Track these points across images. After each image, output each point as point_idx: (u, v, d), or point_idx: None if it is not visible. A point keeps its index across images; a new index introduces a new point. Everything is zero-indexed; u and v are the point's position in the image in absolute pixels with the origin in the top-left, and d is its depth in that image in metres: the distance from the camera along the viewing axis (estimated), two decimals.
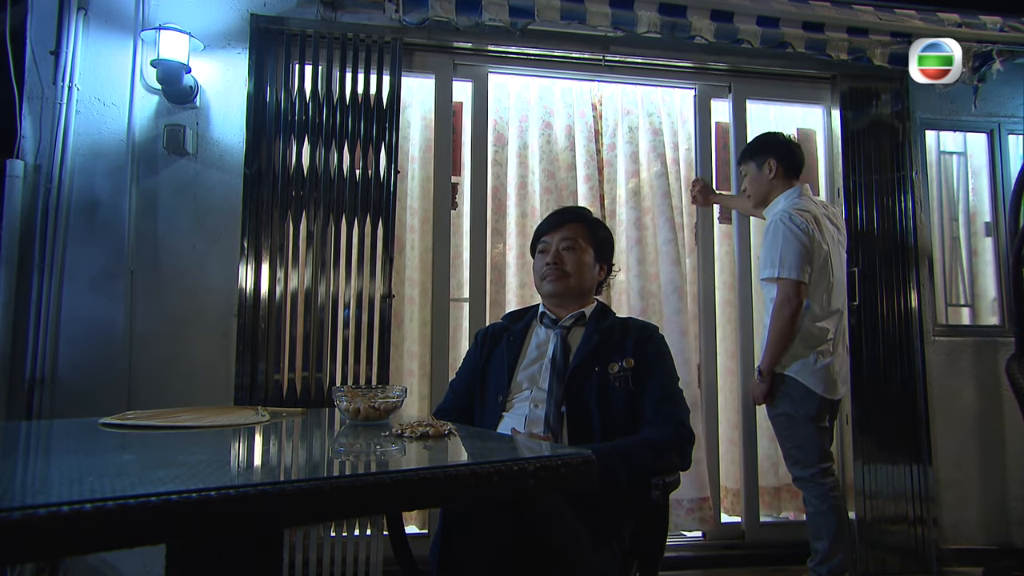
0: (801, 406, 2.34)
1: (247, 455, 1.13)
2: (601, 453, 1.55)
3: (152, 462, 0.98)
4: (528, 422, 1.68)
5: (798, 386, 2.33)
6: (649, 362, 1.72)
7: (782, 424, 2.40)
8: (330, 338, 2.59)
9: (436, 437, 1.23)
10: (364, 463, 1.08)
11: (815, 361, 2.33)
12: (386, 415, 1.43)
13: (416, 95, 2.95)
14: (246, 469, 1.01)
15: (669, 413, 1.67)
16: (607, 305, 1.92)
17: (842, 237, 2.54)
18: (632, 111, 3.06)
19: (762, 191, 2.54)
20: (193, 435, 1.27)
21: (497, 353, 1.85)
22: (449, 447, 1.20)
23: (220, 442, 1.23)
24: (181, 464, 0.94)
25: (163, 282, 2.52)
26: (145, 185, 2.52)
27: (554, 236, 1.84)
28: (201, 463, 0.97)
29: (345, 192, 2.63)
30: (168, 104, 2.53)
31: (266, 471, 1.00)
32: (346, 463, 1.10)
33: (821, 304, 2.36)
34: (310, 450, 1.22)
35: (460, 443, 1.25)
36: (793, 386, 2.34)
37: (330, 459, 1.14)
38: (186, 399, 2.42)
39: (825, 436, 2.39)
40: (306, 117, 2.62)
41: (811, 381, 2.32)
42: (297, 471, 1.03)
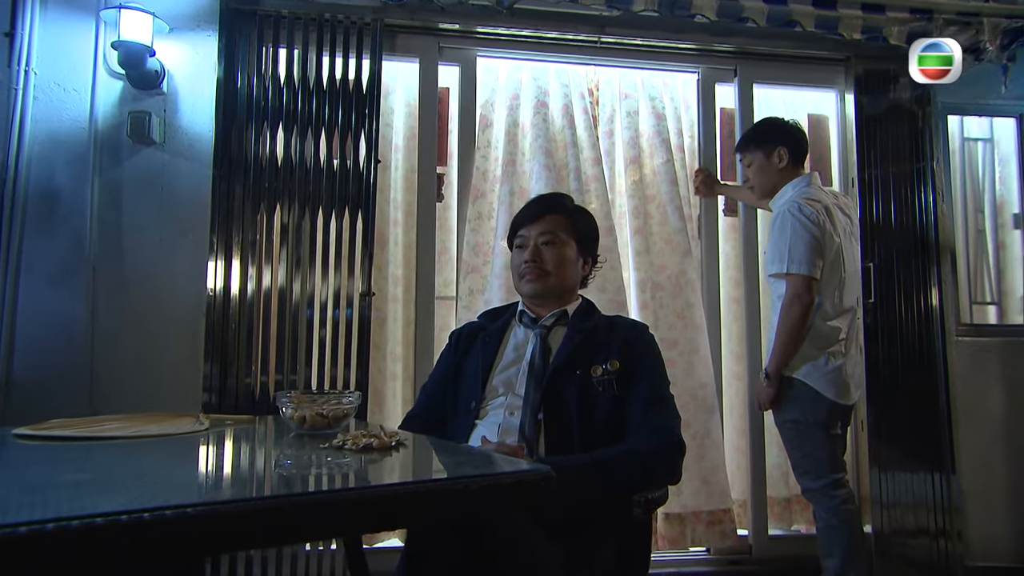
0: (810, 412, 2.22)
1: (164, 470, 1.03)
2: (578, 465, 1.46)
3: (38, 481, 0.88)
4: (502, 431, 1.58)
5: (807, 390, 2.22)
6: (636, 364, 1.62)
7: (790, 431, 2.28)
8: (305, 339, 2.50)
9: (381, 449, 1.13)
10: (283, 482, 0.97)
11: (826, 363, 2.21)
12: (336, 423, 1.33)
13: (400, 80, 2.85)
14: (151, 488, 0.90)
15: (657, 420, 1.56)
16: (592, 302, 1.81)
17: (855, 229, 2.41)
18: (631, 95, 2.94)
19: (770, 182, 2.42)
20: (114, 448, 1.17)
21: (471, 355, 1.76)
22: (393, 462, 1.09)
23: (141, 455, 1.13)
24: (66, 485, 0.84)
25: (127, 278, 2.44)
26: (108, 176, 2.44)
27: (532, 229, 1.73)
28: (96, 482, 0.87)
29: (322, 183, 2.54)
30: (133, 90, 2.45)
31: (174, 490, 0.90)
32: (266, 481, 0.99)
33: (833, 301, 2.24)
34: (238, 465, 1.11)
35: (408, 456, 1.14)
36: (802, 390, 2.23)
37: (251, 476, 1.03)
38: (152, 403, 2.34)
39: (837, 444, 2.27)
40: (280, 104, 2.53)
41: (821, 385, 2.20)
42: (205, 491, 0.92)
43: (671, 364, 2.68)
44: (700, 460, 2.69)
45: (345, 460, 1.05)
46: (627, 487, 1.46)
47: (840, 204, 2.37)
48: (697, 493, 2.69)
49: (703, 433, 2.70)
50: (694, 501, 2.69)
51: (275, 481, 0.96)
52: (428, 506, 0.89)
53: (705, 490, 2.69)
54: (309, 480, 0.94)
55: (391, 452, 1.12)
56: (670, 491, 2.67)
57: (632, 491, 1.47)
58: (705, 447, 2.70)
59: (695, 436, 2.69)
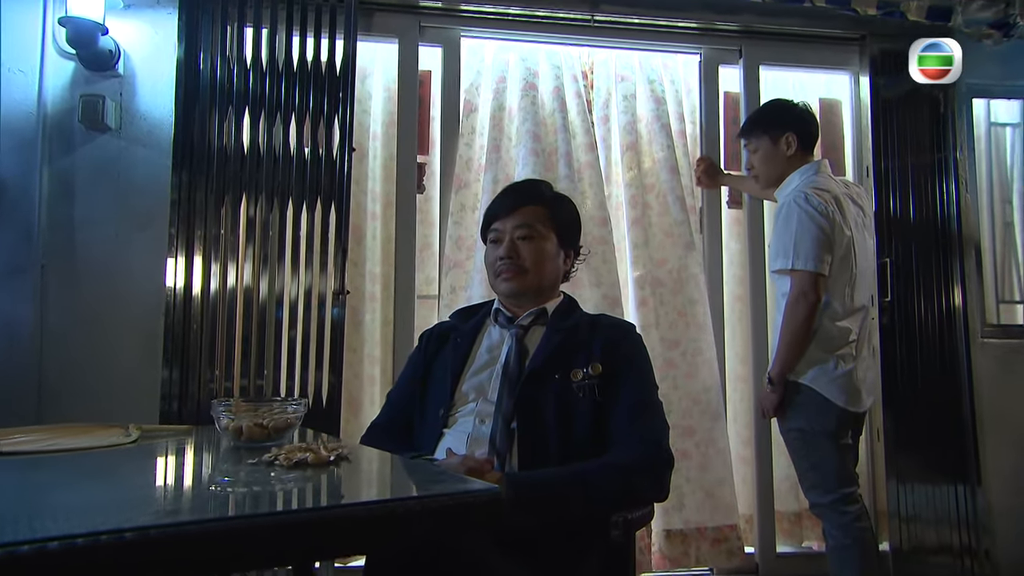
0: (818, 420, 2.12)
1: (57, 491, 0.94)
2: (552, 479, 1.37)
3: None
4: (471, 441, 1.49)
5: (815, 396, 2.12)
6: (620, 367, 1.53)
7: (796, 441, 2.18)
8: (273, 341, 2.42)
9: (317, 465, 1.04)
10: (197, 505, 0.87)
11: (835, 367, 2.11)
12: (278, 435, 1.24)
13: (378, 63, 2.77)
14: (24, 511, 0.81)
15: (642, 430, 1.48)
16: (574, 299, 1.72)
17: (868, 221, 2.31)
18: (628, 77, 2.84)
19: (776, 170, 2.33)
20: (24, 464, 1.09)
21: (441, 357, 1.67)
22: (326, 481, 1.00)
23: (43, 472, 1.04)
24: None
25: (80, 276, 2.36)
26: (59, 165, 2.37)
27: (507, 222, 1.65)
28: None
29: (292, 174, 2.46)
30: (85, 72, 2.37)
31: (52, 515, 0.80)
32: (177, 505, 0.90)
33: (842, 300, 2.14)
34: (145, 484, 1.01)
35: (348, 474, 1.05)
36: (809, 396, 2.13)
37: (152, 499, 0.94)
38: (106, 411, 2.24)
39: (847, 456, 2.17)
40: (246, 87, 2.45)
41: (830, 390, 2.11)
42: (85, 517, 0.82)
43: (672, 366, 2.62)
44: (704, 471, 2.60)
45: (270, 478, 0.96)
46: (607, 504, 1.37)
47: (852, 194, 2.27)
48: (701, 508, 2.60)
49: (707, 442, 2.61)
50: (697, 516, 2.60)
51: (180, 505, 0.87)
52: (352, 532, 0.80)
53: (709, 504, 2.59)
54: (208, 505, 0.85)
55: (329, 468, 1.04)
56: (671, 506, 2.63)
57: (613, 509, 1.38)
58: (709, 457, 2.61)
59: (699, 445, 2.60)
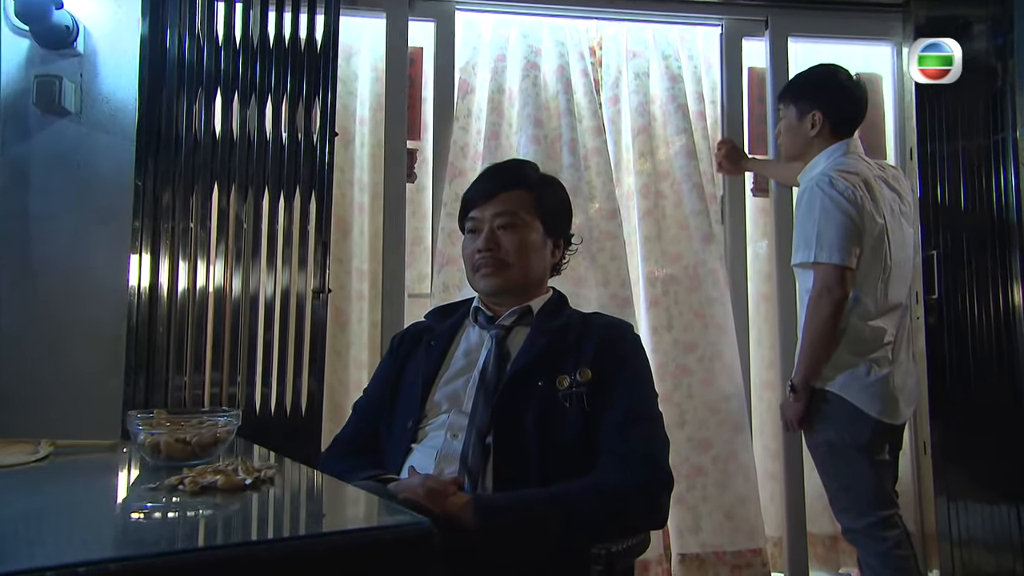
0: (849, 432, 1.99)
1: None
2: (527, 503, 1.26)
3: None
4: (440, 458, 1.39)
5: (844, 406, 1.98)
6: (613, 373, 1.43)
7: (824, 457, 2.06)
8: (247, 345, 2.34)
9: (228, 490, 0.93)
10: (48, 547, 0.76)
11: (867, 372, 1.98)
12: (203, 452, 1.14)
13: (365, 40, 2.69)
14: None
15: (636, 446, 1.37)
16: (563, 296, 1.61)
17: (906, 207, 2.16)
18: (640, 53, 2.73)
19: (796, 148, 2.23)
20: None
21: (413, 362, 1.57)
22: (233, 509, 0.89)
23: None
24: None
25: (36, 274, 2.31)
26: (12, 152, 2.31)
27: (486, 210, 1.54)
28: None
29: (268, 161, 2.38)
30: (41, 50, 2.32)
31: None
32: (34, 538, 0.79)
33: (874, 296, 2.01)
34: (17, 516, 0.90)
35: (264, 501, 0.94)
36: (838, 406, 1.99)
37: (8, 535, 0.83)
38: (63, 420, 2.18)
39: (884, 473, 2.04)
40: (217, 66, 2.37)
41: (862, 399, 1.97)
42: None
43: (686, 372, 2.52)
44: (723, 489, 2.48)
45: (162, 508, 0.85)
46: (592, 531, 1.26)
47: (887, 177, 2.13)
48: (720, 529, 2.48)
49: (727, 456, 2.49)
50: (716, 539, 2.48)
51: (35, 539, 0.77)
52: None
53: (730, 526, 2.48)
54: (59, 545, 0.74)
55: (244, 494, 0.93)
56: (687, 528, 2.50)
57: (599, 537, 1.26)
58: (729, 473, 2.49)
59: (716, 460, 2.49)
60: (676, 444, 2.48)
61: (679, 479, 2.47)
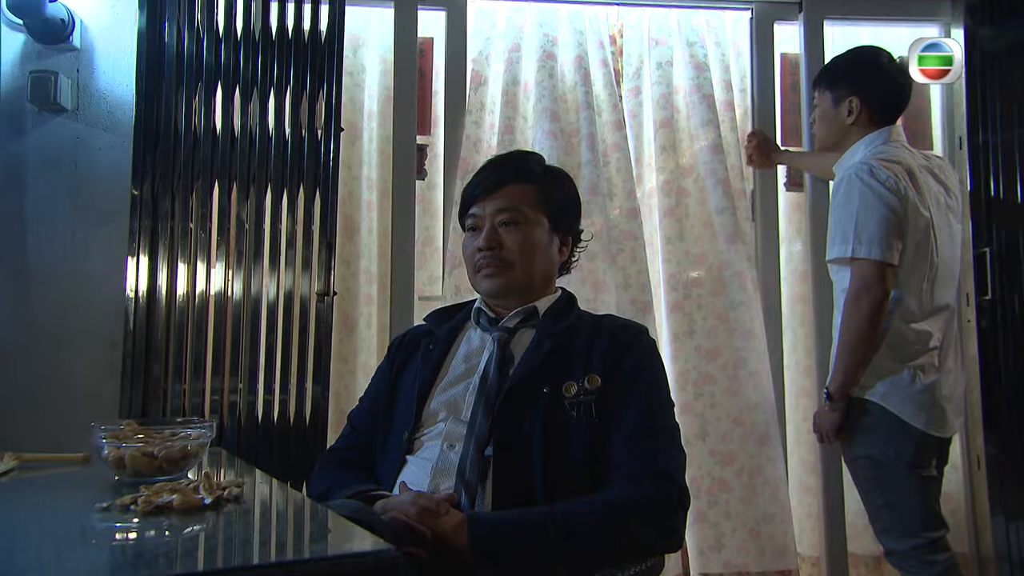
0: (891, 446, 1.88)
1: None
2: (527, 523, 1.18)
3: None
4: (435, 472, 1.32)
5: (886, 417, 1.88)
6: (624, 380, 1.35)
7: (865, 472, 1.95)
8: (249, 350, 2.32)
9: (184, 510, 0.86)
10: None
11: (912, 380, 1.87)
12: (171, 467, 1.08)
13: (373, 30, 2.64)
14: None
15: (648, 460, 1.29)
16: (572, 296, 1.54)
17: (954, 201, 2.04)
18: (663, 41, 2.65)
19: (831, 136, 2.15)
20: None
21: (410, 368, 1.51)
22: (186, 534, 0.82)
23: None
24: None
25: (31, 278, 2.31)
26: (6, 151, 2.31)
27: (486, 206, 1.47)
28: None
29: (270, 158, 2.36)
30: (37, 45, 2.32)
31: None
32: None
33: (918, 296, 1.90)
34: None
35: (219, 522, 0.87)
36: (879, 417, 1.89)
37: None
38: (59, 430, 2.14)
39: (931, 490, 1.93)
40: (218, 60, 2.36)
41: (906, 410, 1.87)
42: None
43: (709, 380, 2.45)
44: (748, 506, 2.39)
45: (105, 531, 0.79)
46: (599, 555, 1.19)
47: (932, 168, 2.02)
48: (744, 549, 2.39)
49: (752, 471, 2.40)
50: (740, 559, 2.39)
51: None
52: None
53: (755, 545, 2.38)
54: None
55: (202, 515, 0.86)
56: (708, 546, 2.39)
57: (607, 561, 1.19)
58: (755, 489, 2.40)
59: (740, 474, 2.41)
60: (698, 457, 2.41)
61: (700, 494, 2.40)
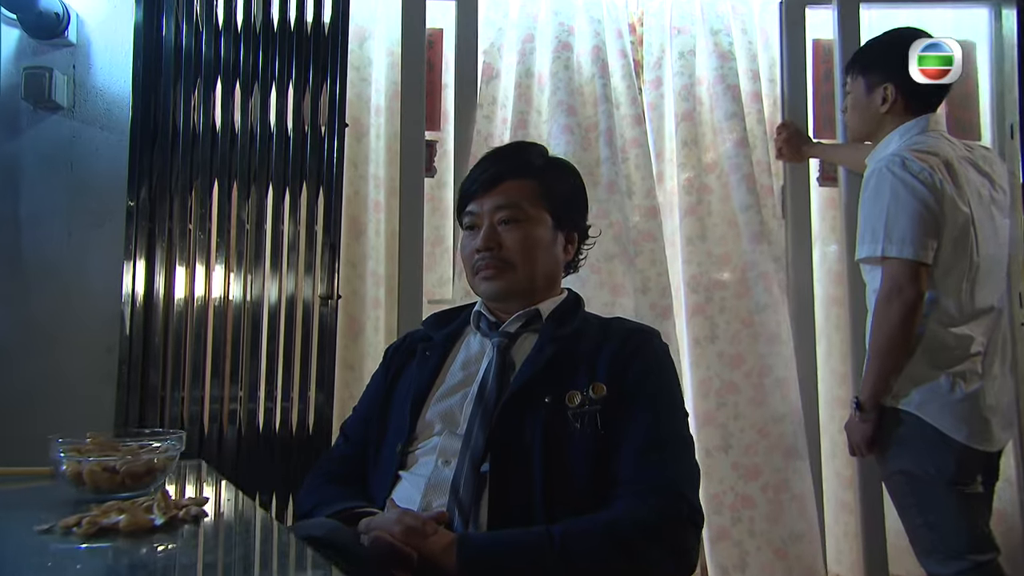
0: (930, 460, 1.76)
1: None
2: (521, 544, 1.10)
3: None
4: (428, 488, 1.25)
5: (923, 428, 1.76)
6: (633, 388, 1.27)
7: (901, 488, 1.84)
8: (249, 355, 2.29)
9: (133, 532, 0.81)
10: None
11: (951, 388, 1.75)
12: (134, 483, 1.02)
13: (380, 21, 2.61)
14: None
15: (656, 475, 1.21)
16: (579, 297, 1.47)
17: (1000, 195, 1.93)
18: (686, 29, 2.58)
19: (864, 125, 2.04)
20: None
21: (405, 377, 1.45)
22: (125, 560, 0.76)
23: None
24: None
25: (26, 282, 2.30)
26: (1, 150, 2.29)
27: (484, 203, 1.40)
28: None
29: (272, 155, 2.34)
30: (30, 40, 2.31)
31: None
32: None
33: (957, 298, 1.79)
34: None
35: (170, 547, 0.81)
36: (914, 428, 1.78)
37: None
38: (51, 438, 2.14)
39: (978, 509, 1.80)
40: (217, 54, 2.34)
41: (945, 421, 1.75)
42: None
43: (732, 389, 2.38)
44: (773, 523, 2.31)
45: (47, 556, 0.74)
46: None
47: (974, 159, 1.91)
48: (770, 569, 2.30)
49: (777, 486, 2.32)
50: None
51: None
52: None
53: (782, 566, 2.29)
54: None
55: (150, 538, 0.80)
56: (732, 565, 2.30)
57: None
58: (781, 505, 2.31)
59: (765, 489, 2.33)
60: (719, 471, 2.33)
61: (723, 510, 2.32)
